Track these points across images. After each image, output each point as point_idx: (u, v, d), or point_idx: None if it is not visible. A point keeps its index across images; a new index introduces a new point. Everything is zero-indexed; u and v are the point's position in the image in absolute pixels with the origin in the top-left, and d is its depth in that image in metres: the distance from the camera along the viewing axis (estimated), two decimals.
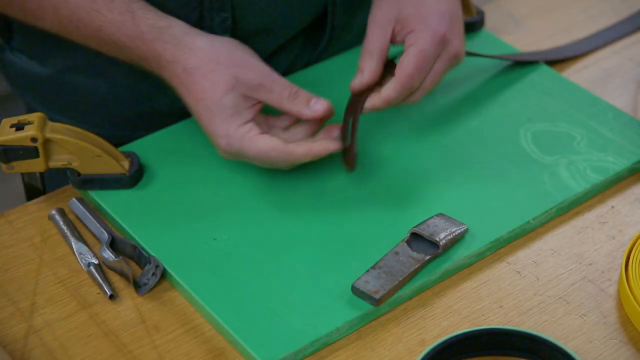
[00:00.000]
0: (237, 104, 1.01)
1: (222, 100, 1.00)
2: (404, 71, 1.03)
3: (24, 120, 1.02)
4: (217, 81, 1.00)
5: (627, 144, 1.10)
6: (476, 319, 0.94)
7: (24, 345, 0.93)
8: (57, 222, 1.03)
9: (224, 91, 1.00)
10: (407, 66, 1.03)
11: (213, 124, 1.01)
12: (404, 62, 1.03)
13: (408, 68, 1.03)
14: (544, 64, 1.21)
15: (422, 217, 1.01)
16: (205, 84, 1.01)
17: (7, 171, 1.03)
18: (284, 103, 1.02)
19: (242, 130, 1.01)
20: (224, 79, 1.00)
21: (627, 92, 1.20)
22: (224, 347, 0.93)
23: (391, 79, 1.04)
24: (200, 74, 1.01)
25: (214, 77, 1.01)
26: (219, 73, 1.01)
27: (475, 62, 1.23)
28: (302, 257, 0.99)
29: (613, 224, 1.03)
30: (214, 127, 1.01)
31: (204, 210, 1.04)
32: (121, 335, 0.93)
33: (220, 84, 1.00)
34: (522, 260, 1.00)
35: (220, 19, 1.11)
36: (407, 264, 0.96)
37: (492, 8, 1.34)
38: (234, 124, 1.01)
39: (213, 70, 1.01)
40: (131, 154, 1.07)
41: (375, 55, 1.05)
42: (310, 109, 1.02)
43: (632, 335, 0.93)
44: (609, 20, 1.31)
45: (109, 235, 1.00)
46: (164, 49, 1.02)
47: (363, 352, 0.92)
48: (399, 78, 1.03)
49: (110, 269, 0.99)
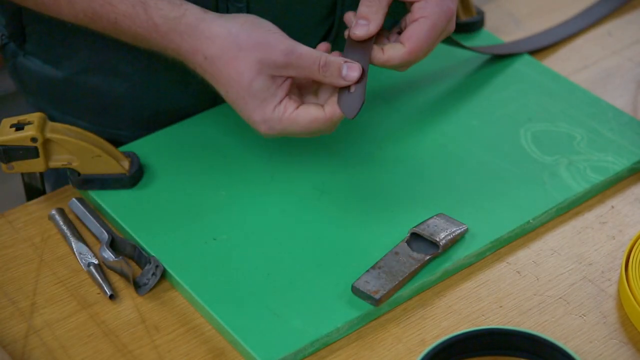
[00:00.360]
0: (267, 86, 0.98)
1: (251, 86, 0.98)
2: (416, 42, 1.00)
3: (24, 120, 1.02)
4: (241, 68, 0.98)
5: (627, 144, 1.10)
6: (476, 319, 0.94)
7: (24, 345, 0.93)
8: (57, 222, 1.03)
9: (251, 77, 0.98)
10: (419, 38, 1.00)
11: (248, 111, 0.99)
12: (416, 33, 1.00)
13: (420, 40, 1.00)
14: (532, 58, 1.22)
15: (422, 217, 1.01)
16: (230, 72, 0.98)
17: (7, 171, 1.03)
18: (315, 76, 0.99)
19: (278, 112, 0.98)
20: (248, 65, 0.98)
21: (627, 92, 1.20)
22: (224, 347, 0.93)
23: (396, 41, 1.01)
24: (222, 63, 0.98)
25: (237, 64, 0.98)
26: (242, 60, 0.98)
27: (475, 62, 1.23)
28: (302, 257, 0.99)
29: (613, 224, 1.03)
30: (250, 115, 0.99)
31: (204, 210, 1.04)
32: (121, 335, 0.93)
33: (246, 70, 0.98)
34: (522, 260, 1.00)
35: (235, 9, 1.09)
36: (407, 264, 0.96)
37: (492, 8, 1.34)
38: (269, 107, 0.99)
39: (236, 57, 0.98)
40: (131, 154, 1.07)
41: (384, 5, 1.01)
42: (344, 78, 0.99)
43: (632, 335, 0.93)
44: (608, 19, 1.31)
45: (109, 235, 1.00)
46: (181, 39, 1.00)
47: (363, 352, 0.92)
48: (410, 48, 1.00)
49: (110, 269, 0.99)
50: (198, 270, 0.97)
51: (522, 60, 1.22)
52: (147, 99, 1.16)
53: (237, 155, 1.09)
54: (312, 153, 1.10)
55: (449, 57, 1.24)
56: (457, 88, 1.18)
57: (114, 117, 1.18)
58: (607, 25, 1.30)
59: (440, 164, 1.09)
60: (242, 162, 1.09)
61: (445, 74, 1.20)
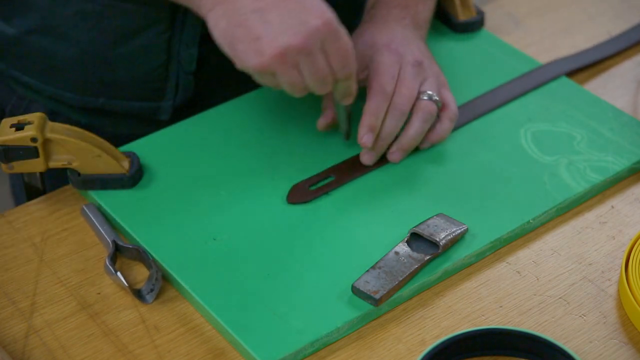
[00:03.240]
0: None
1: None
2: (370, 80, 1.05)
3: (24, 120, 1.02)
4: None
5: (627, 144, 1.10)
6: (476, 319, 0.94)
7: (24, 345, 0.93)
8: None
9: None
10: (371, 77, 1.05)
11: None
12: (368, 78, 1.05)
13: (373, 76, 1.05)
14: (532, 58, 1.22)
15: (422, 217, 1.01)
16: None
17: (7, 171, 1.03)
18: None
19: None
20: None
21: (627, 92, 1.20)
22: (224, 347, 0.93)
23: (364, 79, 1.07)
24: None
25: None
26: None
27: (475, 62, 1.23)
28: (302, 257, 0.99)
29: (613, 224, 1.03)
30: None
31: (204, 210, 1.04)
32: (121, 335, 0.93)
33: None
34: (522, 260, 1.00)
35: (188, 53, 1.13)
36: (407, 264, 0.96)
37: (492, 8, 1.34)
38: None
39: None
40: (131, 154, 1.07)
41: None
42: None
43: (632, 335, 0.93)
44: (608, 20, 1.31)
45: (112, 244, 0.99)
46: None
47: (363, 352, 0.92)
48: (368, 88, 1.05)
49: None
50: (198, 270, 0.97)
51: (522, 60, 1.22)
52: (94, 66, 1.16)
53: (237, 155, 1.09)
54: (312, 153, 1.10)
55: (448, 57, 1.24)
56: (456, 88, 1.18)
57: (61, 79, 1.18)
58: (607, 25, 1.30)
59: (440, 163, 1.09)
60: (242, 162, 1.09)
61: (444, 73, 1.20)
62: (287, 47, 0.95)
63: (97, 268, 1.00)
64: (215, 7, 0.98)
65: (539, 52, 1.26)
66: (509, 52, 1.24)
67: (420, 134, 1.06)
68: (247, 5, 0.96)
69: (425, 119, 1.06)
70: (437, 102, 1.07)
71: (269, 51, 0.95)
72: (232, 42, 0.97)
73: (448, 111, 1.08)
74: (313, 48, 0.96)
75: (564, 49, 1.26)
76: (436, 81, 1.08)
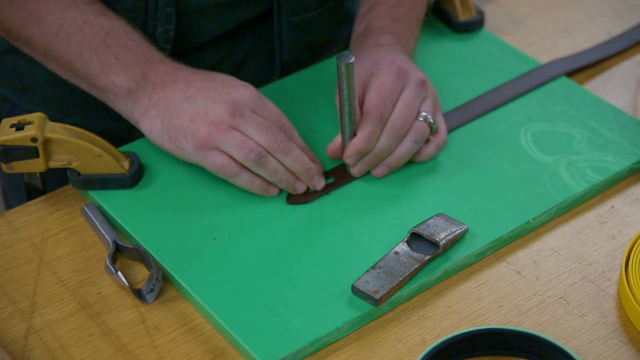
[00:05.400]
0: None
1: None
2: (369, 102, 1.04)
3: (23, 120, 1.02)
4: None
5: (627, 144, 1.10)
6: (476, 319, 0.94)
7: (24, 345, 0.93)
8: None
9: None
10: (370, 98, 1.04)
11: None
12: (367, 97, 1.05)
13: (372, 99, 1.04)
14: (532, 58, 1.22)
15: (422, 217, 1.01)
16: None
17: (7, 171, 1.03)
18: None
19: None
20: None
21: (627, 92, 1.20)
22: (224, 347, 0.93)
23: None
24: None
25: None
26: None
27: (475, 62, 1.23)
28: (302, 257, 0.99)
29: (613, 224, 1.03)
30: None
31: (204, 210, 1.04)
32: (121, 335, 0.93)
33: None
34: (522, 260, 1.00)
35: (163, 29, 1.13)
36: (407, 264, 0.96)
37: (492, 8, 1.34)
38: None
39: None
40: (131, 154, 1.07)
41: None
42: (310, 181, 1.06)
43: (632, 335, 0.93)
44: (608, 20, 1.31)
45: (113, 244, 0.99)
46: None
47: (363, 352, 0.92)
48: (365, 110, 1.04)
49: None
50: (198, 270, 0.97)
51: (522, 60, 1.22)
52: (67, 87, 1.15)
53: None
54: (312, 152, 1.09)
55: (448, 57, 1.24)
56: (457, 88, 1.18)
57: (35, 97, 1.22)
58: (607, 25, 1.30)
59: (440, 163, 1.09)
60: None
61: (444, 73, 1.20)
62: (218, 114, 1.01)
63: (97, 268, 1.00)
64: (148, 111, 1.04)
65: (539, 52, 1.26)
66: (509, 52, 1.24)
67: (409, 155, 1.06)
68: (177, 98, 1.03)
69: (417, 140, 1.06)
70: (432, 125, 1.06)
71: (202, 126, 1.01)
72: (170, 135, 1.03)
73: (438, 137, 1.08)
74: (243, 110, 1.02)
75: (564, 49, 1.26)
76: (433, 103, 1.08)
